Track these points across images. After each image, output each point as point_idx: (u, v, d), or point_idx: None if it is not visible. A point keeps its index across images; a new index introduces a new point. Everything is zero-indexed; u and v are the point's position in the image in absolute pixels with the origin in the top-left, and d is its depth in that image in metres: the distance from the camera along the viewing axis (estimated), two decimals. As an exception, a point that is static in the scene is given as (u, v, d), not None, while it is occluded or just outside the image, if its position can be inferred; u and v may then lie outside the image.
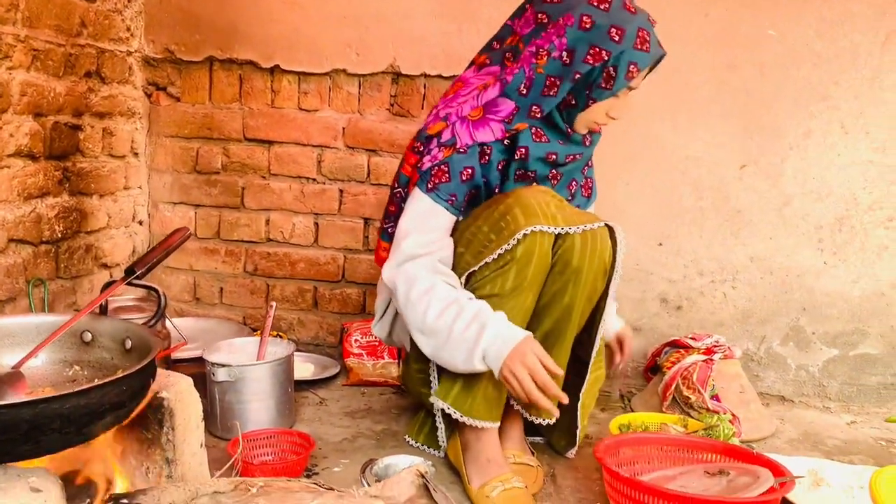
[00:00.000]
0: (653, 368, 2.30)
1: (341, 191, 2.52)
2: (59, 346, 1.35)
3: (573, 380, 1.71)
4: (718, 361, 2.08)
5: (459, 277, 1.63)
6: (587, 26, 1.61)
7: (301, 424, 1.95)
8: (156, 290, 1.45)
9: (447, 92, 1.77)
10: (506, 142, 1.66)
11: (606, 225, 1.63)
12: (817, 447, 1.99)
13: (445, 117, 1.69)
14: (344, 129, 2.48)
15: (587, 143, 1.75)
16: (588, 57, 1.60)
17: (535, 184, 1.69)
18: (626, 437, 1.65)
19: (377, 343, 2.37)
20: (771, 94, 2.28)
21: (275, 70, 2.46)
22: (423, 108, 2.42)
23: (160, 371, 1.32)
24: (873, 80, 2.24)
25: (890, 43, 2.22)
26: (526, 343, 1.50)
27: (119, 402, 1.13)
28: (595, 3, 1.63)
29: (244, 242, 2.58)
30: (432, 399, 1.66)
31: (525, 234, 1.54)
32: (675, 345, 2.22)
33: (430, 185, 1.64)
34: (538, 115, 1.64)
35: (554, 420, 1.66)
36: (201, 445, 1.39)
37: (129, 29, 2.41)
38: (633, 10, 1.63)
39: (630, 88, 1.67)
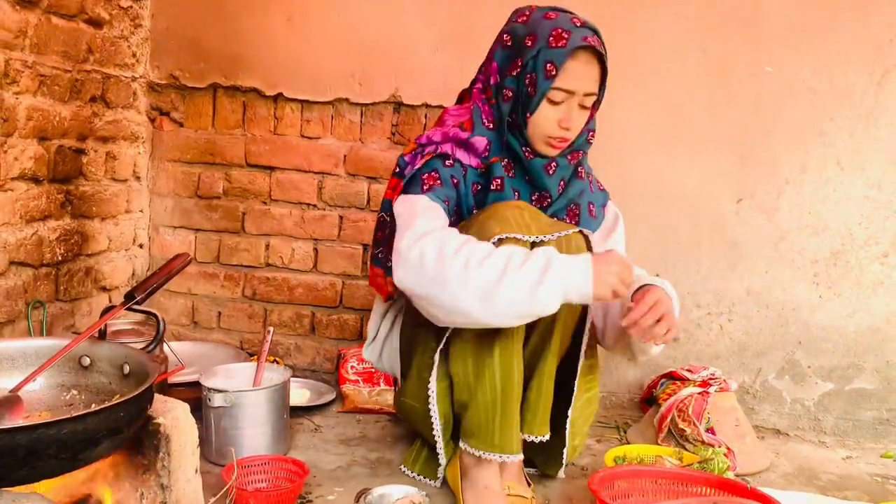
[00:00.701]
0: (648, 400, 2.31)
1: (341, 217, 2.54)
2: (57, 371, 1.36)
3: (562, 398, 1.71)
4: (714, 394, 2.08)
5: None
6: (508, 43, 1.66)
7: (296, 451, 1.95)
8: (155, 316, 1.46)
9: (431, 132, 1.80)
10: (482, 169, 1.69)
11: (581, 231, 1.60)
12: (812, 482, 1.99)
13: (416, 139, 1.73)
14: (345, 156, 2.50)
15: (560, 189, 1.73)
16: (509, 70, 1.64)
17: None
18: (621, 470, 1.65)
19: (373, 370, 2.37)
20: (767, 128, 2.31)
21: (278, 98, 2.49)
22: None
23: (157, 396, 1.32)
24: (869, 117, 2.27)
25: (885, 82, 2.25)
26: (597, 260, 1.44)
27: (116, 428, 1.14)
28: (516, 19, 1.68)
29: (243, 267, 2.60)
30: (462, 444, 1.64)
31: (500, 239, 1.50)
32: (671, 376, 2.22)
33: (425, 188, 1.62)
34: (506, 145, 1.68)
35: (548, 436, 1.65)
36: (196, 471, 1.39)
37: (134, 55, 2.44)
38: (553, 16, 1.62)
39: (569, 93, 1.61)
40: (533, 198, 1.71)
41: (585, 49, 1.59)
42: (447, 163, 1.66)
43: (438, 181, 1.63)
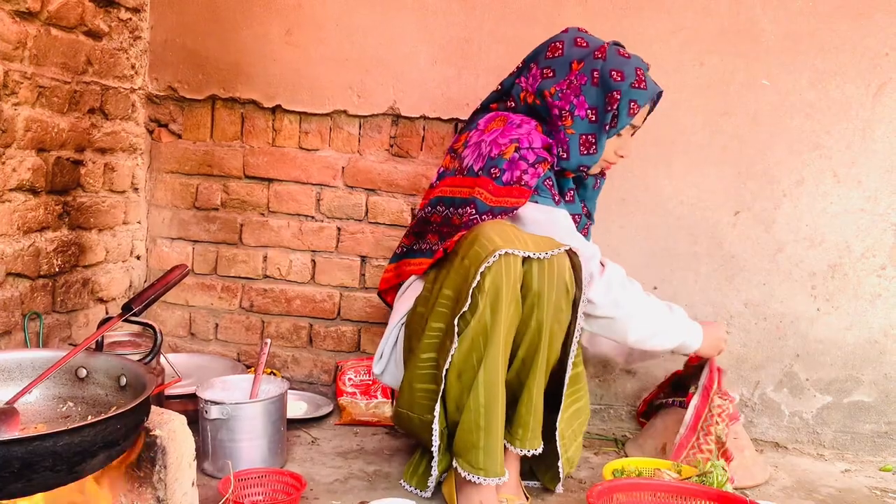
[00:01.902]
0: (645, 413, 2.30)
1: (339, 229, 2.54)
2: (53, 382, 1.36)
3: (551, 410, 1.73)
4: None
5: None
6: (597, 81, 1.80)
7: (293, 464, 1.94)
8: (152, 328, 1.46)
9: (484, 129, 1.85)
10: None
11: (568, 250, 1.66)
12: (811, 495, 1.98)
13: (508, 139, 1.77)
14: (343, 168, 2.50)
15: (584, 211, 2.00)
16: (608, 106, 1.79)
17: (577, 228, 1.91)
18: (620, 483, 1.64)
19: (371, 382, 2.37)
20: (764, 141, 2.32)
21: (276, 110, 2.49)
22: (422, 150, 2.45)
23: (153, 409, 1.32)
24: (865, 130, 2.28)
25: (881, 95, 2.26)
26: (707, 328, 1.96)
27: (112, 441, 1.13)
28: (597, 55, 1.82)
29: (241, 279, 2.59)
30: (454, 462, 1.66)
31: (503, 254, 1.57)
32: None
33: (556, 199, 1.81)
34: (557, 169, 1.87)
35: (539, 449, 1.68)
36: (193, 485, 1.39)
37: (133, 67, 2.45)
38: (626, 55, 1.83)
39: (633, 126, 1.88)
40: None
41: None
42: (548, 178, 1.80)
43: (554, 189, 1.81)
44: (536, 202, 1.77)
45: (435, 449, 1.69)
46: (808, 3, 2.26)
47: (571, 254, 1.66)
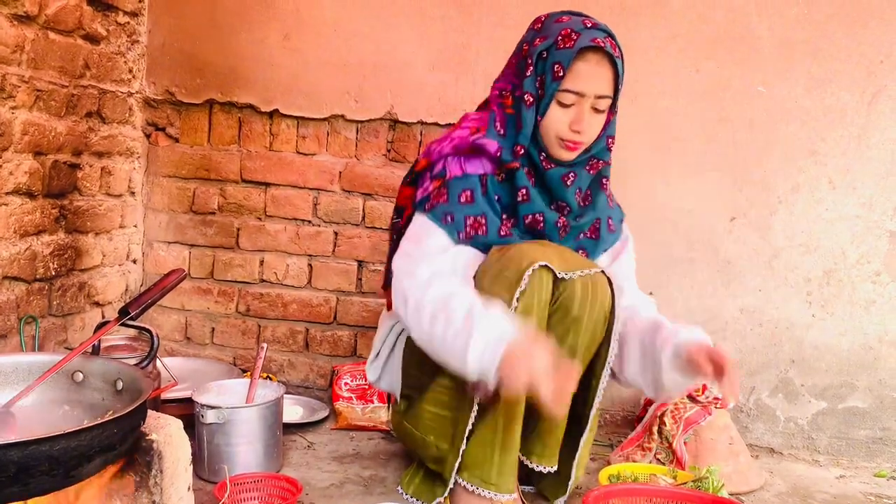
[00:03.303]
0: (643, 419, 2.30)
1: (336, 233, 2.54)
2: (50, 386, 1.35)
3: (572, 431, 1.69)
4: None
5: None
6: (524, 48, 1.64)
7: (288, 468, 1.94)
8: (149, 332, 1.46)
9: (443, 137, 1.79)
10: (500, 176, 1.64)
11: (603, 272, 1.60)
12: (806, 501, 1.99)
13: (428, 153, 1.69)
14: (341, 172, 2.51)
15: (583, 204, 1.73)
16: (523, 74, 1.60)
17: (544, 230, 1.66)
18: (616, 488, 1.65)
19: (367, 387, 2.37)
20: (760, 148, 2.33)
21: (274, 114, 2.50)
22: (418, 154, 2.45)
23: (150, 413, 1.32)
24: (860, 137, 2.29)
25: (876, 102, 2.27)
26: (512, 349, 1.36)
27: (109, 445, 1.13)
28: (533, 25, 1.66)
29: (237, 283, 2.59)
30: (458, 476, 1.62)
31: (534, 270, 1.50)
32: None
33: (427, 206, 1.62)
34: (521, 153, 1.62)
35: (555, 467, 1.64)
36: (189, 489, 1.38)
37: (130, 71, 2.45)
38: (565, 19, 1.61)
39: (578, 94, 1.57)
40: (552, 207, 1.67)
41: (595, 50, 1.55)
42: (452, 180, 1.63)
43: (444, 196, 1.61)
44: (416, 211, 1.66)
45: (450, 478, 1.63)
46: (803, 10, 2.27)
47: (609, 275, 1.60)
